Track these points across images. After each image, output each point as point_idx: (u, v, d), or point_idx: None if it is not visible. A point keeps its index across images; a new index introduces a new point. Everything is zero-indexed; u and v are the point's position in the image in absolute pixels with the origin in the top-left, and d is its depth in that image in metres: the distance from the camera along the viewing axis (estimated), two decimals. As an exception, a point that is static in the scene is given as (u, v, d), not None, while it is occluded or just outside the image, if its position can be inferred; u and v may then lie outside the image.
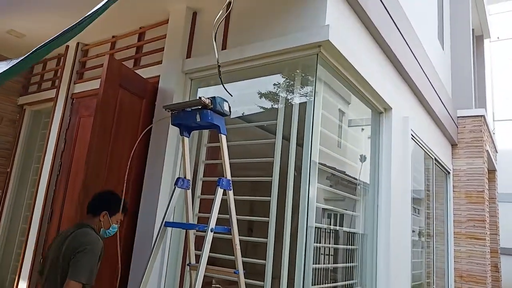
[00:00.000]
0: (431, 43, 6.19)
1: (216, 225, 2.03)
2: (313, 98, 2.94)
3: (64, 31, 1.52)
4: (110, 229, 2.43)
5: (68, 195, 3.99)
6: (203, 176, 3.42)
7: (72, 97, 4.47)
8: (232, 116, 3.99)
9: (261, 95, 3.62)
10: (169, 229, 3.22)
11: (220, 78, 2.24)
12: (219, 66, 2.20)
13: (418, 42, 4.95)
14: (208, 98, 2.08)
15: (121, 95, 3.19)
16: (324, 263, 3.66)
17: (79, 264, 2.12)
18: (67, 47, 4.71)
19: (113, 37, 4.32)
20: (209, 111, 2.08)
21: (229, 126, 3.63)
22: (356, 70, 3.19)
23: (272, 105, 3.43)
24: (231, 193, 2.19)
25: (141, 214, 3.29)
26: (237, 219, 2.76)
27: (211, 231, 2.01)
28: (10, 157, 5.08)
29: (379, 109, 4.07)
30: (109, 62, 3.02)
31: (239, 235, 2.90)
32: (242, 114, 3.92)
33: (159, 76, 3.63)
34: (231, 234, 2.19)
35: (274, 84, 3.40)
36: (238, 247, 2.19)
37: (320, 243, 3.58)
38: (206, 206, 3.36)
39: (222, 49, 3.34)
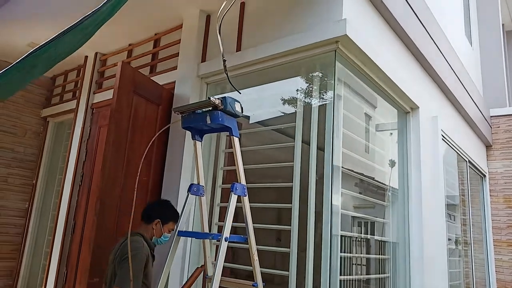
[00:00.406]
0: (458, 40, 5.90)
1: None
2: (332, 98, 2.78)
3: (62, 32, 1.44)
4: (162, 237, 2.45)
5: (90, 205, 3.97)
6: (222, 183, 3.31)
7: (92, 107, 4.48)
8: (250, 122, 3.95)
9: (279, 97, 3.49)
10: (188, 238, 3.13)
11: (227, 74, 2.13)
12: (224, 61, 2.08)
13: (444, 37, 4.70)
14: (218, 98, 1.96)
15: (135, 102, 3.13)
16: (353, 274, 3.45)
17: (122, 272, 2.16)
18: (86, 57, 4.74)
19: (129, 45, 4.31)
20: (219, 112, 1.96)
21: (246, 130, 3.56)
22: (378, 66, 3.01)
23: (290, 107, 3.29)
24: (246, 199, 2.06)
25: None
26: (259, 228, 2.63)
27: (225, 241, 1.88)
28: (35, 169, 5.14)
29: (405, 109, 3.85)
30: (122, 69, 2.96)
31: (266, 245, 2.78)
32: (260, 118, 3.82)
33: (175, 82, 3.57)
34: (247, 244, 2.05)
35: (292, 85, 3.27)
36: (255, 257, 2.04)
37: (349, 252, 3.39)
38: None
39: (236, 51, 3.24)
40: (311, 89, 3.07)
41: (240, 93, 2.19)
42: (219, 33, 2.13)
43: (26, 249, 4.86)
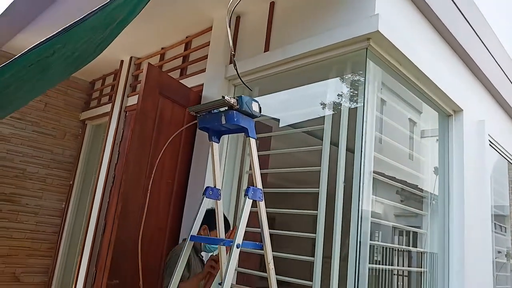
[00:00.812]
0: (506, 34, 5.46)
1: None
2: (363, 98, 2.61)
3: (64, 29, 1.40)
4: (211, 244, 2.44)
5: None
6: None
7: (125, 110, 4.55)
8: (280, 125, 3.84)
9: (310, 99, 3.36)
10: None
11: (236, 69, 2.03)
12: (233, 55, 1.99)
13: (491, 33, 4.35)
14: (234, 97, 1.86)
15: (161, 104, 3.11)
16: (388, 287, 3.24)
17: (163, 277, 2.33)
18: (122, 62, 4.83)
19: (162, 48, 4.34)
20: (234, 112, 1.86)
21: (274, 133, 3.45)
22: (415, 65, 2.80)
23: (321, 110, 3.15)
24: (262, 204, 1.94)
25: (184, 224, 3.16)
26: (277, 234, 2.51)
27: (237, 248, 1.77)
28: (72, 170, 5.30)
29: (447, 111, 3.58)
30: (148, 70, 2.95)
31: (300, 254, 2.66)
32: (291, 121, 3.70)
33: (203, 84, 3.53)
34: (263, 251, 1.93)
35: (322, 87, 3.12)
36: (271, 266, 1.92)
37: (387, 264, 3.19)
38: (250, 219, 3.14)
39: (264, 51, 3.14)
40: (342, 90, 2.91)
41: (251, 90, 2.08)
42: (229, 26, 2.04)
43: (61, 247, 5.01)
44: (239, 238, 1.78)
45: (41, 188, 5.01)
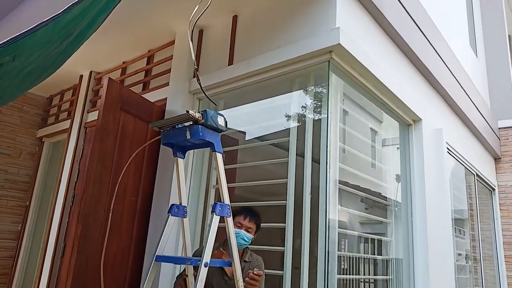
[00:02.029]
0: (462, 50, 5.77)
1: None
2: (327, 110, 2.64)
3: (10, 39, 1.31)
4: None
5: (80, 228, 3.82)
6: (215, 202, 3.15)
7: (85, 126, 4.39)
8: (247, 138, 3.82)
9: (274, 111, 3.37)
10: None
11: (199, 84, 2.00)
12: (196, 69, 1.96)
13: (446, 47, 4.57)
14: (199, 112, 1.83)
15: (123, 120, 3.02)
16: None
17: None
18: (81, 76, 4.68)
19: (123, 62, 4.24)
20: (200, 126, 1.82)
21: (240, 146, 3.43)
22: (376, 76, 2.88)
23: (286, 122, 3.16)
24: (230, 220, 1.90)
25: (149, 244, 3.05)
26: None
27: (205, 266, 1.72)
28: (29, 191, 5.03)
29: (407, 121, 3.69)
30: (108, 85, 2.86)
31: (270, 267, 2.61)
32: (257, 134, 3.69)
33: (166, 98, 3.46)
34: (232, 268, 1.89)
35: (287, 99, 3.14)
36: (240, 283, 1.87)
37: (353, 273, 3.20)
38: (219, 235, 3.08)
39: (228, 65, 3.13)
40: (306, 102, 2.94)
41: (216, 104, 2.06)
42: (191, 40, 2.01)
43: (17, 272, 4.71)
44: (207, 256, 1.73)
45: (-6, 211, 4.72)
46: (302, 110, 2.97)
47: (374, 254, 3.80)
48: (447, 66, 4.45)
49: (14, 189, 4.92)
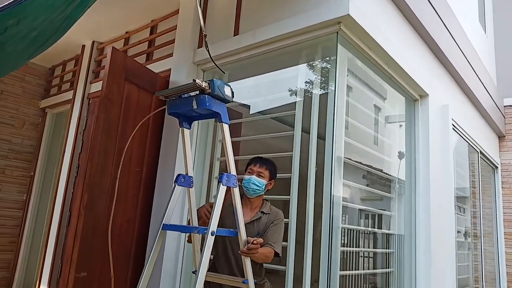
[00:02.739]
0: (471, 26, 5.64)
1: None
2: (334, 83, 2.60)
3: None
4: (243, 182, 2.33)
5: (84, 198, 3.86)
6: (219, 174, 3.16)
7: (88, 97, 4.36)
8: (251, 112, 3.80)
9: (280, 85, 3.33)
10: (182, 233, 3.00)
11: (208, 50, 1.96)
12: (205, 36, 1.92)
13: (456, 22, 4.47)
14: (206, 81, 1.80)
15: (127, 90, 2.98)
16: (355, 269, 3.31)
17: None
18: (83, 46, 4.61)
19: (126, 32, 4.17)
20: (206, 96, 1.80)
21: (246, 119, 3.41)
22: (384, 50, 2.82)
23: (291, 96, 3.13)
24: (236, 190, 1.91)
25: (154, 214, 3.07)
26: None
27: (212, 235, 1.73)
28: (33, 161, 5.05)
29: (414, 96, 3.65)
30: (112, 54, 2.82)
31: None
32: (261, 108, 3.67)
33: (170, 69, 3.42)
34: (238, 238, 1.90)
35: (293, 72, 3.10)
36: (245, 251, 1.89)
37: (353, 246, 3.24)
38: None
39: (234, 35, 3.07)
40: (312, 75, 2.90)
41: (224, 72, 2.03)
42: (200, 5, 1.96)
43: (23, 241, 4.79)
44: (214, 225, 1.74)
45: (0, 180, 4.75)
46: (309, 83, 2.93)
47: (377, 229, 3.83)
48: (456, 42, 4.36)
49: (18, 159, 4.94)
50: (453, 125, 4.28)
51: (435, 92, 3.85)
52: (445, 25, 4.01)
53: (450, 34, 4.18)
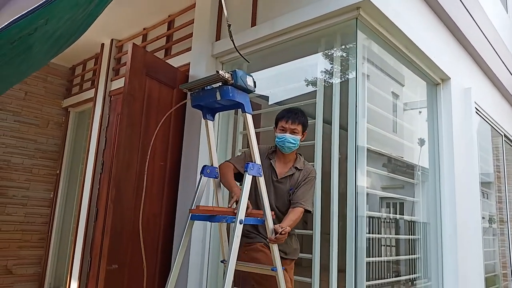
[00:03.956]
0: (492, 6, 5.49)
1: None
2: (355, 70, 2.58)
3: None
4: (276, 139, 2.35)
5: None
6: (242, 166, 3.18)
7: (109, 95, 4.44)
8: (270, 102, 3.80)
9: (299, 75, 3.32)
10: (208, 223, 3.04)
11: (232, 40, 1.97)
12: (229, 25, 1.92)
13: (476, 2, 4.35)
14: (228, 72, 1.82)
15: (149, 85, 3.02)
16: (382, 256, 3.30)
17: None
18: (102, 45, 4.68)
19: (144, 29, 4.21)
20: (229, 87, 1.82)
21: (264, 111, 3.41)
22: (405, 34, 2.78)
23: (311, 85, 3.12)
24: (261, 179, 1.93)
25: (179, 206, 3.13)
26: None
27: (240, 223, 1.76)
28: (58, 159, 5.18)
29: (435, 80, 3.59)
30: (133, 51, 2.85)
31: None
32: (281, 98, 3.66)
33: (189, 63, 3.44)
34: (265, 226, 1.93)
35: (312, 61, 3.08)
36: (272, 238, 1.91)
37: (378, 233, 3.23)
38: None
39: (251, 26, 3.08)
40: (332, 63, 2.88)
41: (248, 62, 2.04)
42: (222, -4, 1.97)
43: (53, 237, 4.94)
44: (242, 214, 1.76)
45: (28, 179, 4.89)
46: (328, 71, 2.92)
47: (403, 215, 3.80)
48: (476, 23, 4.25)
49: (44, 158, 5.07)
50: (476, 108, 4.20)
51: (457, 75, 3.78)
52: (465, 6, 3.91)
53: (471, 15, 4.08)
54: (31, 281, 4.83)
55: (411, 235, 3.56)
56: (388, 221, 3.66)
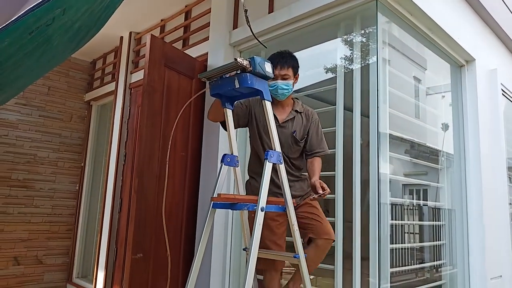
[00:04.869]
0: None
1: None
2: (376, 54, 2.52)
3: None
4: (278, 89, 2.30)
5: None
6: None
7: (130, 87, 4.48)
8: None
9: (316, 60, 3.27)
10: (230, 211, 3.06)
11: (249, 26, 1.94)
12: (246, 11, 1.90)
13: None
14: (246, 59, 1.80)
15: (168, 76, 3.04)
16: (406, 242, 3.25)
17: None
18: (121, 38, 4.73)
19: (161, 20, 4.22)
20: (248, 74, 1.80)
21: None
22: (427, 15, 2.70)
23: (330, 71, 3.07)
24: (282, 167, 1.91)
25: (201, 196, 3.15)
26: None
27: (262, 211, 1.75)
28: (82, 152, 5.29)
29: (460, 62, 3.48)
30: (151, 42, 2.87)
31: None
32: (299, 86, 3.61)
33: (207, 53, 3.44)
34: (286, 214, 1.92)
35: (331, 46, 3.02)
36: (295, 227, 1.91)
37: (400, 220, 3.18)
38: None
39: (269, 12, 3.04)
40: (352, 49, 2.82)
41: (266, 47, 2.01)
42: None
43: (79, 228, 5.07)
44: (263, 201, 1.76)
45: (53, 172, 5.03)
46: (348, 56, 2.86)
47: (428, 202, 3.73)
48: (502, 1, 4.09)
49: (69, 152, 5.19)
50: (502, 90, 4.05)
51: (482, 56, 3.65)
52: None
53: (497, -7, 3.93)
54: (60, 270, 4.99)
55: (436, 221, 3.49)
56: (411, 207, 3.60)
